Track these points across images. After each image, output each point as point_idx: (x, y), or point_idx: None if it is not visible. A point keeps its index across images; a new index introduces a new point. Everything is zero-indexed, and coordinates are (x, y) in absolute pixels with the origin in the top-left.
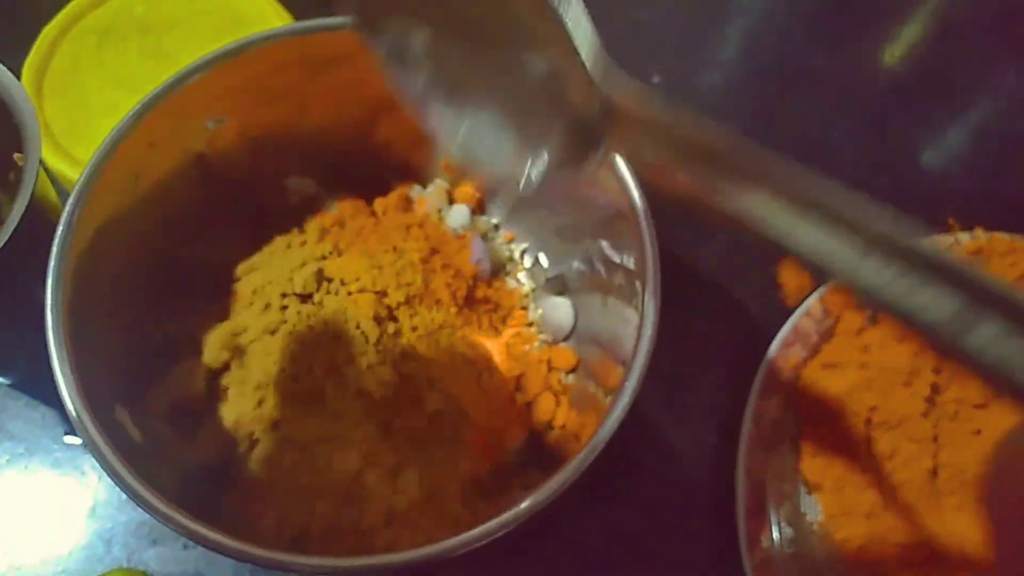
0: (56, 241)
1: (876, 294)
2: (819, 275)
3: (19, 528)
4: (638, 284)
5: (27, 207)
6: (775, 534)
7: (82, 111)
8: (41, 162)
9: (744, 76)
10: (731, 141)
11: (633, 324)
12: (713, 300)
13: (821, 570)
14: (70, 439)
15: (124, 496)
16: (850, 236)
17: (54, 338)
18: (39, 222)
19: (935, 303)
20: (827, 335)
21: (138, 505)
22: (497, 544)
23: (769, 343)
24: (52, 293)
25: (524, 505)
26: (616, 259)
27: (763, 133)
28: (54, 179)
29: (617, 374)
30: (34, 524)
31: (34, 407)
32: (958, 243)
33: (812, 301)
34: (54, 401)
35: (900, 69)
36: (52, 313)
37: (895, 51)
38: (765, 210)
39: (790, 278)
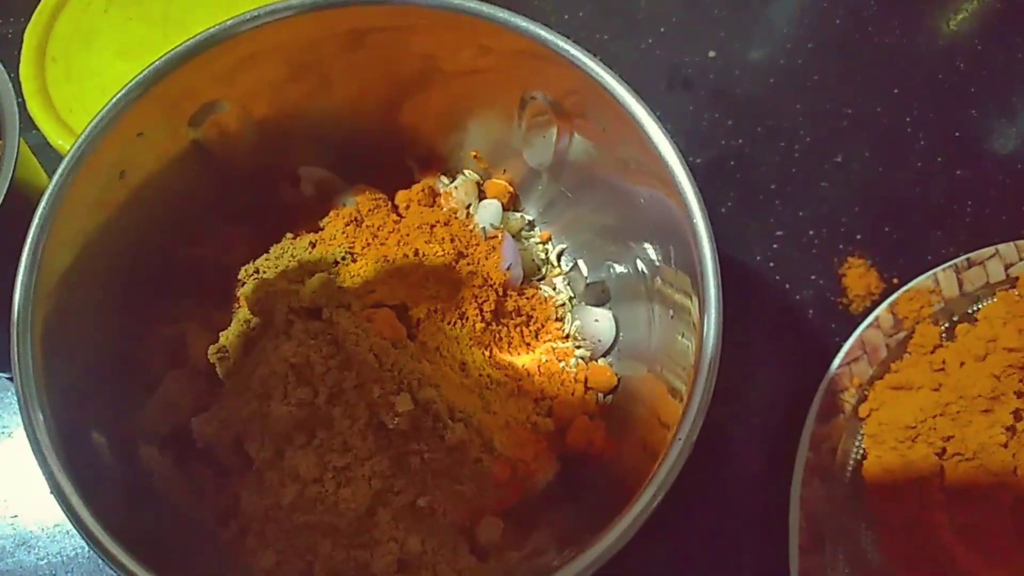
0: (24, 257)
1: None
2: None
3: None
4: (693, 296)
5: (6, 194)
6: None
7: (86, 82)
8: (30, 145)
9: (807, 53)
10: None
11: (685, 342)
12: (767, 305)
13: None
14: None
15: None
16: None
17: (19, 362)
18: (24, 208)
19: None
20: (898, 351)
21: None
22: None
23: (830, 355)
24: (19, 312)
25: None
26: (665, 265)
27: (827, 118)
28: (57, 156)
29: (665, 399)
30: None
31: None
32: None
33: (882, 310)
34: None
35: (982, 49)
36: (19, 331)
37: (973, 26)
38: None
39: (856, 280)
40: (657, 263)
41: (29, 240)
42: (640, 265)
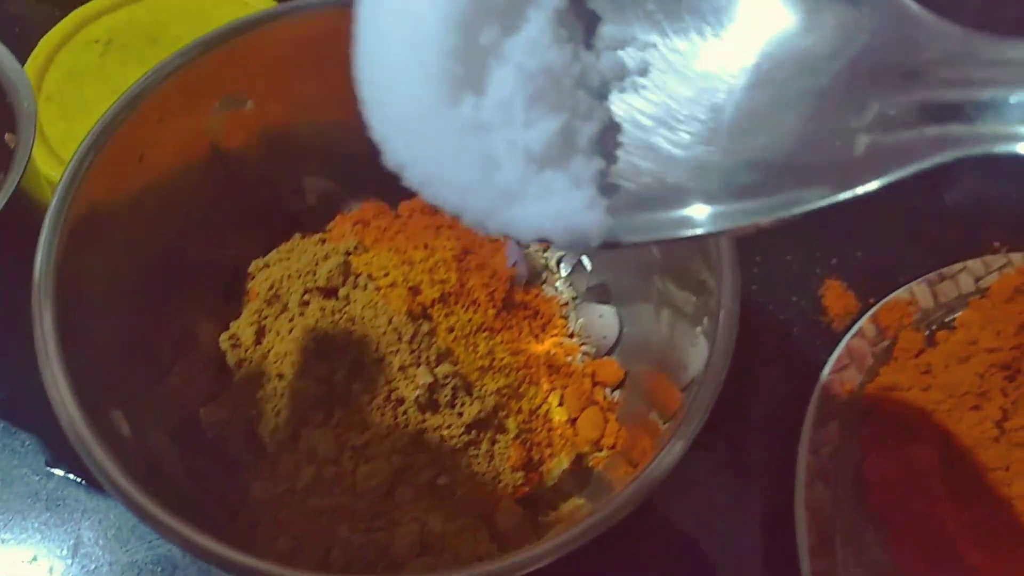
0: (50, 212)
1: None
2: None
3: None
4: (699, 294)
5: (13, 193)
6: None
7: (80, 120)
8: (33, 160)
9: None
10: None
11: (692, 340)
12: (752, 323)
13: None
14: (53, 469)
15: (111, 533)
16: None
17: (41, 326)
18: (25, 214)
19: None
20: (884, 357)
21: (151, 527)
22: None
23: (817, 368)
24: (40, 275)
25: (575, 531)
26: (669, 266)
27: None
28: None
29: (672, 394)
30: (10, 563)
31: (12, 434)
32: (1011, 264)
33: (864, 322)
34: (35, 427)
35: None
36: (40, 293)
37: None
38: None
39: (835, 300)
40: (660, 262)
41: (53, 205)
42: (643, 265)
